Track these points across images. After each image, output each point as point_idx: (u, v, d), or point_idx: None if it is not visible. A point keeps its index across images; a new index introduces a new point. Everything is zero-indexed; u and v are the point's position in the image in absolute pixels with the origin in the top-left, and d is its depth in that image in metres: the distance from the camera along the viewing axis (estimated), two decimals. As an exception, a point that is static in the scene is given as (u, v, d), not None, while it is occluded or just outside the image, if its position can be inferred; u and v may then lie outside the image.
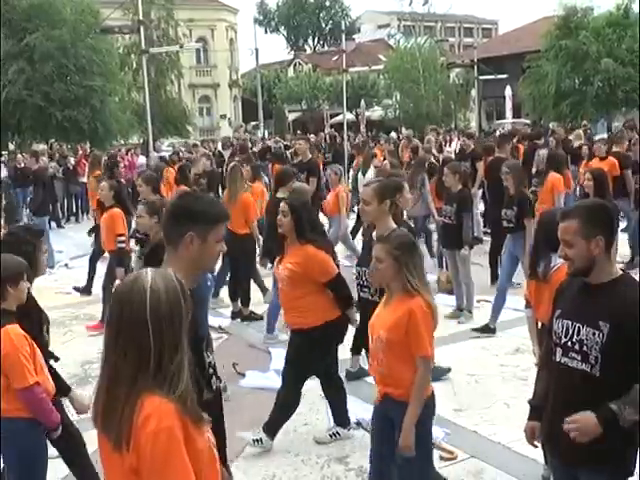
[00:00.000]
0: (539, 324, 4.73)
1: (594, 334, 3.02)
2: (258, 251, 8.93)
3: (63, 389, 4.27)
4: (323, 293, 5.19)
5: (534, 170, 10.77)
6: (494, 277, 9.44)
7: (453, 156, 14.48)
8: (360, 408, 5.86)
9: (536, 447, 3.56)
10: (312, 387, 6.50)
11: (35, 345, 3.83)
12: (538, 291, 4.60)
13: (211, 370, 3.27)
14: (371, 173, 11.93)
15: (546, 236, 4.25)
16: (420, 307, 3.72)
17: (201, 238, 2.99)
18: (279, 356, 7.22)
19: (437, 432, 4.85)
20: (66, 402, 4.39)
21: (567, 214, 3.16)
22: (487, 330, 7.79)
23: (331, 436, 5.50)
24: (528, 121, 32.50)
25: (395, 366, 3.77)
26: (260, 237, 8.83)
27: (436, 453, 5.01)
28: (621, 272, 3.17)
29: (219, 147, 23.15)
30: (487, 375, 6.65)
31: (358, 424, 5.66)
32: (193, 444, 2.14)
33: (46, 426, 3.86)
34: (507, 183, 8.05)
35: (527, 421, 3.43)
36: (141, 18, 21.98)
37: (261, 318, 8.52)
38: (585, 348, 3.05)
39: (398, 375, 3.77)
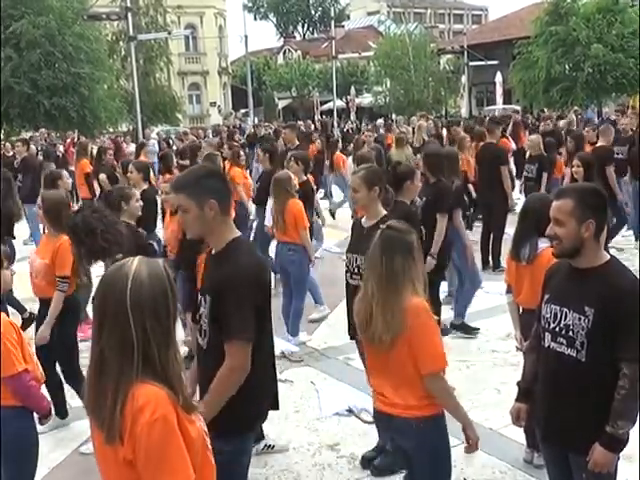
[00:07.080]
0: (520, 308, 4.70)
1: (580, 319, 3.02)
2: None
3: None
4: None
5: (527, 155, 10.83)
6: (485, 262, 9.51)
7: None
8: (351, 395, 5.84)
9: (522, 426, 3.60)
10: (303, 374, 6.50)
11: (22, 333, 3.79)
12: (519, 275, 4.56)
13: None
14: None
15: (535, 218, 4.23)
16: None
17: None
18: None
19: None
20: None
21: (563, 193, 3.18)
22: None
23: None
24: (518, 107, 32.50)
25: None
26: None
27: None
28: (609, 257, 3.15)
29: (209, 134, 22.99)
30: (478, 361, 6.63)
31: (350, 411, 5.64)
32: (186, 432, 2.09)
33: (37, 413, 3.82)
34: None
35: (514, 402, 3.43)
36: (129, 5, 21.85)
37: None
38: (571, 333, 3.05)
39: None
